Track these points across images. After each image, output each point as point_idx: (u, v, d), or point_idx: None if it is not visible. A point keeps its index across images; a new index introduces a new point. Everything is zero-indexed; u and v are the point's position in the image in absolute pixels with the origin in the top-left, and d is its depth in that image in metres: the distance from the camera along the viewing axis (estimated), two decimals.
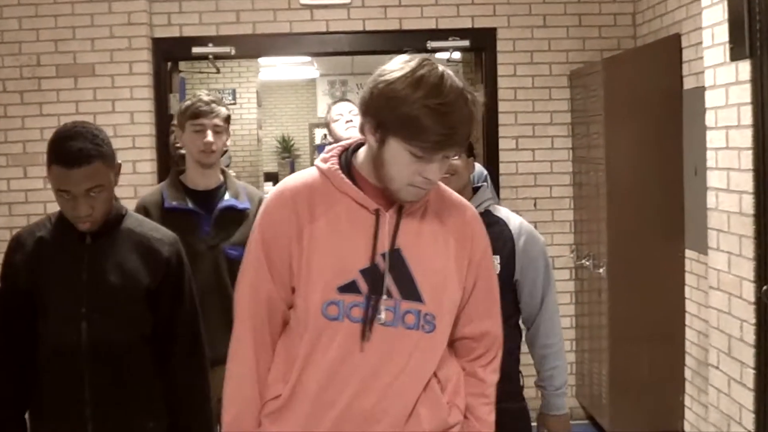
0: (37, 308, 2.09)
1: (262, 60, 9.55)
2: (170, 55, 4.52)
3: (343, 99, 4.28)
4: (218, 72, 5.30)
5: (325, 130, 4.86)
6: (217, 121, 2.88)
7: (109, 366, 2.08)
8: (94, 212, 2.04)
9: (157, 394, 2.17)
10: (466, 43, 4.49)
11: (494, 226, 2.39)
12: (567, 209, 4.58)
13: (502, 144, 4.56)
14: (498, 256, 2.35)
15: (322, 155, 1.76)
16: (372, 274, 1.65)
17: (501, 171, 4.55)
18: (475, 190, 2.52)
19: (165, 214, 2.78)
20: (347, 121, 3.73)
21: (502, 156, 4.55)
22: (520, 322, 2.53)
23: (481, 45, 4.53)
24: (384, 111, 1.59)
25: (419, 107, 1.54)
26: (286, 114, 14.15)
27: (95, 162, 1.99)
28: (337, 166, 1.71)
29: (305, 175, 1.75)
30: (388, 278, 1.66)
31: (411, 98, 1.55)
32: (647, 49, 4.14)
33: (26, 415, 2.18)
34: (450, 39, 4.48)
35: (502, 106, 4.54)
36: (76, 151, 1.96)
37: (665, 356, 3.93)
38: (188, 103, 2.93)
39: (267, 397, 1.73)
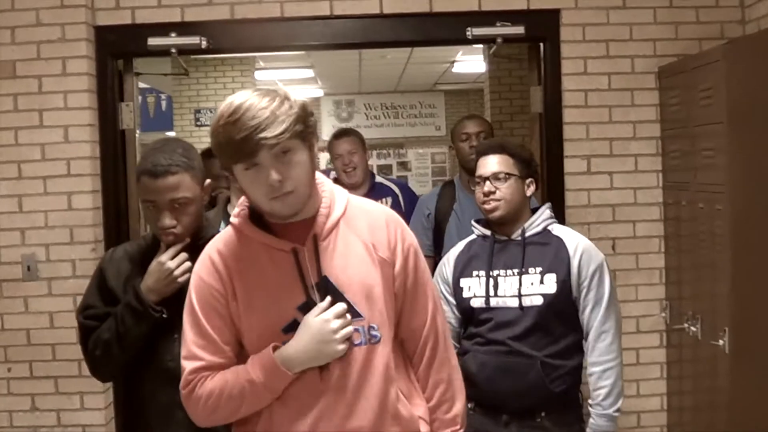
0: None
1: (258, 75, 8.65)
2: (119, 48, 3.55)
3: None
4: (186, 74, 4.23)
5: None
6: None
7: None
8: (179, 225, 2.12)
9: None
10: (519, 29, 3.57)
11: (551, 244, 2.61)
12: (656, 253, 3.59)
13: (569, 166, 3.57)
14: (554, 275, 2.55)
15: (235, 210, 1.87)
16: (309, 308, 1.78)
17: (567, 202, 3.56)
18: (534, 211, 2.69)
19: None
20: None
21: (569, 182, 3.57)
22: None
23: (540, 33, 3.63)
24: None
25: (215, 132, 1.73)
26: None
27: (181, 173, 2.08)
28: (243, 219, 1.84)
29: (224, 234, 1.87)
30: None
31: (213, 129, 1.75)
32: None
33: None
34: (498, 24, 3.54)
35: (567, 115, 3.56)
36: (162, 161, 2.08)
37: None
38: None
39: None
